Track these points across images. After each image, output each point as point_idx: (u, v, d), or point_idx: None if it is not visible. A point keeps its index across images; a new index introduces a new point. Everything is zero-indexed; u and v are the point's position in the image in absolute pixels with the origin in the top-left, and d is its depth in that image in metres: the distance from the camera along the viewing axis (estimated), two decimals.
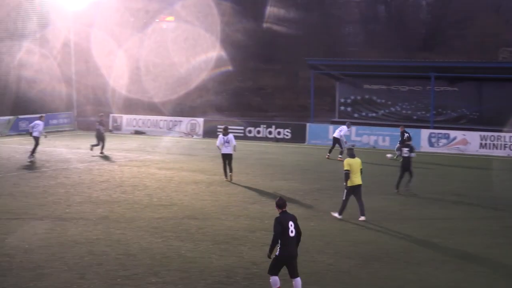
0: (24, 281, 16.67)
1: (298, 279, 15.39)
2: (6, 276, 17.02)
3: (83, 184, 29.72)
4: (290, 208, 24.86)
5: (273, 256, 15.31)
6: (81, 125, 55.13)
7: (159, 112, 55.70)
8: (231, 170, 31.12)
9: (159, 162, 36.60)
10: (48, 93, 54.12)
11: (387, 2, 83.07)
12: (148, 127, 52.10)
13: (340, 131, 39.22)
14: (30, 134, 37.41)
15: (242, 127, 48.39)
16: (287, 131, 47.08)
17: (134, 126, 52.58)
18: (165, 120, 51.91)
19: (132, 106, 58.53)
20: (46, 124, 50.64)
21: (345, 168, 23.18)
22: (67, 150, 41.16)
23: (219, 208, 25.13)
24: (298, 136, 46.59)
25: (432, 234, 21.94)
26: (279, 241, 15.01)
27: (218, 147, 31.30)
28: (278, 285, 15.34)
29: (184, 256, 18.94)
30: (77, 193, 27.74)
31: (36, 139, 36.89)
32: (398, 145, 39.17)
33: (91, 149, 39.39)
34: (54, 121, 53.80)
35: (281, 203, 15.48)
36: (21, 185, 29.51)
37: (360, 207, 23.49)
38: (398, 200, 27.21)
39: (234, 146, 31.08)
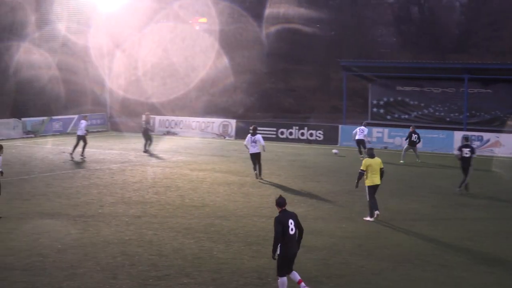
0: (57, 281, 16.82)
1: (294, 272, 15.69)
2: (39, 276, 17.19)
3: (116, 185, 29.91)
4: (321, 210, 25.04)
5: (276, 256, 15.39)
6: (114, 126, 55.41)
7: (192, 113, 55.69)
8: (260, 169, 31.77)
9: (192, 163, 36.70)
10: (80, 94, 54.52)
11: (420, 3, 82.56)
12: (181, 128, 52.24)
13: (362, 131, 39.35)
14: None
15: (274, 129, 48.40)
16: (320, 133, 46.97)
17: (166, 127, 52.78)
18: (197, 122, 52.03)
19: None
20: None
21: (361, 168, 23.40)
22: (100, 151, 41.41)
23: (251, 210, 25.16)
24: (331, 137, 46.47)
25: (464, 236, 21.80)
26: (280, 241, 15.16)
27: (245, 145, 32.03)
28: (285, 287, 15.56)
29: (216, 257, 18.99)
30: (110, 193, 27.92)
31: (81, 138, 38.13)
32: (406, 145, 38.86)
33: (146, 151, 40.90)
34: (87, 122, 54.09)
35: (281, 202, 15.64)
36: (54, 185, 29.77)
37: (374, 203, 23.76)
38: (429, 202, 27.03)
39: (263, 146, 31.85)
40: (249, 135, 31.88)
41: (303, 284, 15.73)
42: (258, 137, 31.62)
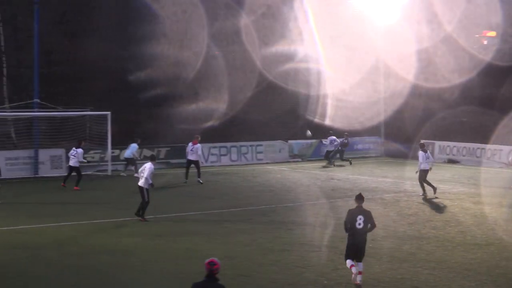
0: None
1: (360, 264, 19.58)
2: None
3: (388, 217, 30.04)
4: None
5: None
6: (389, 151, 55.68)
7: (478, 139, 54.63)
8: (432, 186, 35.53)
9: (475, 196, 36.10)
10: (353, 115, 55.36)
11: None
12: (463, 155, 51.58)
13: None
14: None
15: None
16: None
17: (447, 154, 52.37)
18: (482, 148, 51.04)
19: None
20: (351, 149, 52.13)
21: None
22: (372, 179, 41.79)
23: None
24: None
25: None
26: (348, 231, 19.62)
27: (421, 162, 35.57)
28: (352, 263, 19.50)
29: None
30: (382, 226, 27.94)
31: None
32: None
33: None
34: (359, 146, 54.91)
35: (356, 198, 19.98)
36: (321, 214, 30.40)
37: None
38: None
39: (432, 163, 36.70)
40: (421, 152, 35.75)
41: (359, 277, 19.36)
42: (429, 154, 36.51)
